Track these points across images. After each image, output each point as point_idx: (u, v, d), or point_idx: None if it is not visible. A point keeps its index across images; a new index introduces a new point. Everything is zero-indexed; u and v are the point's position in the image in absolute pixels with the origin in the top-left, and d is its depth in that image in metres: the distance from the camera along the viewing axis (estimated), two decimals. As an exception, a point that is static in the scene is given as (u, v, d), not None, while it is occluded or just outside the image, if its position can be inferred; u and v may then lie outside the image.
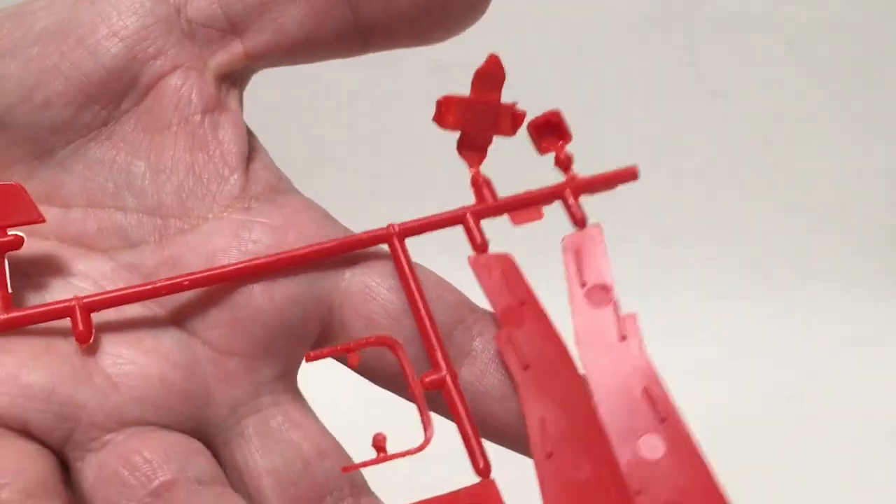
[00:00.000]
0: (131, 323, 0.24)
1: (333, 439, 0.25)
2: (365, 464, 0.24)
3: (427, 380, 0.25)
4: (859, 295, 0.68)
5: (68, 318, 0.23)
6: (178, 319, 0.24)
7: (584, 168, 0.26)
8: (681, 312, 0.66)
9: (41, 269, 0.24)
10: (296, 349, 0.25)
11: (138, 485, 0.22)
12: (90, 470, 0.22)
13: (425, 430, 0.24)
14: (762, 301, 0.68)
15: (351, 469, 0.24)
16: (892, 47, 0.68)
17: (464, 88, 0.26)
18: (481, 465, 0.24)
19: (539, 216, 0.26)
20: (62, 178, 0.25)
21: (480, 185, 0.26)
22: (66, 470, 0.23)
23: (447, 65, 0.55)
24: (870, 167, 0.70)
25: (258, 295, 0.24)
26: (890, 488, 0.56)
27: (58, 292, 0.24)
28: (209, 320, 0.24)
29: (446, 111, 0.26)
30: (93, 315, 0.23)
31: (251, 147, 0.26)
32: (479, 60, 0.25)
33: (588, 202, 0.26)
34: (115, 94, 0.25)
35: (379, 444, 0.24)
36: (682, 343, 0.64)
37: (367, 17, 0.25)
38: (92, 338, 0.23)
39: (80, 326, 0.23)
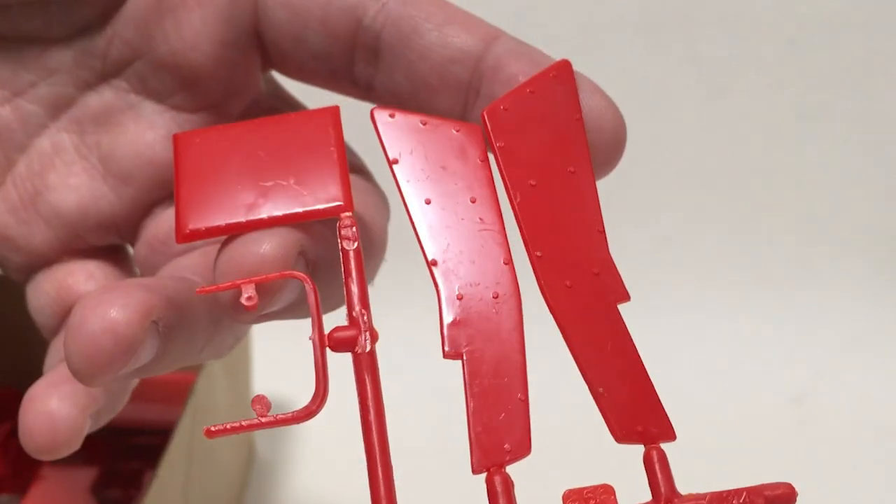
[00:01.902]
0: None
1: None
2: (242, 428, 0.19)
3: (336, 335, 0.19)
4: (863, 295, 0.68)
5: None
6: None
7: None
8: (682, 314, 0.66)
9: None
10: None
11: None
12: (36, 294, 0.28)
13: (316, 394, 0.19)
14: (764, 301, 0.68)
15: (219, 435, 0.19)
16: (893, 47, 0.68)
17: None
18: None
19: None
20: None
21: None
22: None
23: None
24: (871, 168, 0.69)
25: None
26: (894, 489, 0.56)
27: None
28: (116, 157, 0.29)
29: None
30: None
31: None
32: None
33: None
34: None
35: (260, 409, 0.19)
36: (684, 344, 0.63)
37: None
38: None
39: None
